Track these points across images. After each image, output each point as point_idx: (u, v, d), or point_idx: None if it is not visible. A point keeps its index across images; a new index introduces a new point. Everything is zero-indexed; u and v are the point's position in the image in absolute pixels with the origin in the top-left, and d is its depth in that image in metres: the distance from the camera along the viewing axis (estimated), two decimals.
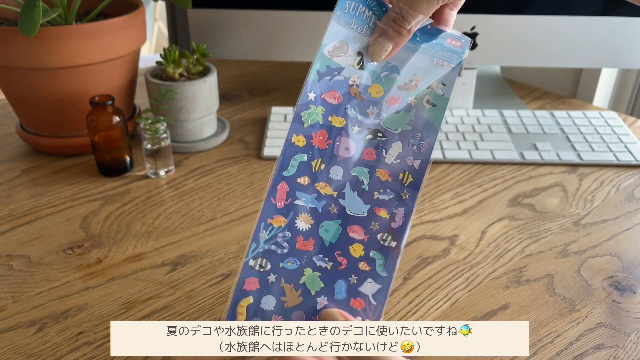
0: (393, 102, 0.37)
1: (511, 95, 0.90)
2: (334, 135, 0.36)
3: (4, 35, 0.61)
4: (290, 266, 0.36)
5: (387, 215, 0.36)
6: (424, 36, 0.36)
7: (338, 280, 0.36)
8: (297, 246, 0.36)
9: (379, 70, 0.36)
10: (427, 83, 0.36)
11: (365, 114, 0.36)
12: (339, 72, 0.36)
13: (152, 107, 0.69)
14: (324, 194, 0.36)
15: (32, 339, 0.45)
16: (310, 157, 0.36)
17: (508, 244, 0.56)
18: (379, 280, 0.36)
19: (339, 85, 0.36)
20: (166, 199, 0.63)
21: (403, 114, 0.36)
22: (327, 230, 0.36)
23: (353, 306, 0.36)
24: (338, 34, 0.36)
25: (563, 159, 0.70)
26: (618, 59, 0.80)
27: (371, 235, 0.36)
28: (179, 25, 1.11)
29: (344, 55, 0.36)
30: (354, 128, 0.36)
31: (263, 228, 0.35)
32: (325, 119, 0.36)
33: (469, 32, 0.79)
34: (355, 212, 0.36)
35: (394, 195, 0.36)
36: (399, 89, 0.37)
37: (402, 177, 0.36)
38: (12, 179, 0.67)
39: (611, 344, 0.45)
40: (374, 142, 0.36)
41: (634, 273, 0.52)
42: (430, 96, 0.36)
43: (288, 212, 0.36)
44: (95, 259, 0.54)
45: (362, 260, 0.36)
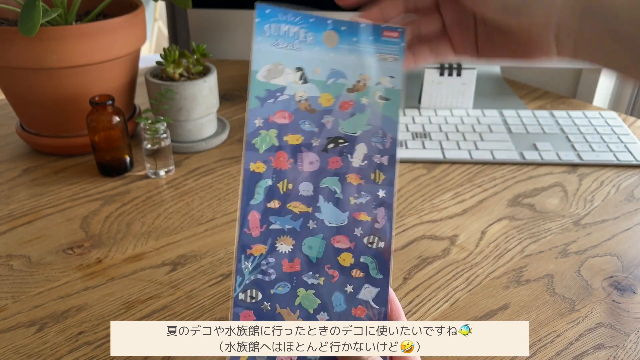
0: (346, 106, 0.36)
1: (511, 95, 0.90)
2: (294, 153, 0.35)
3: (4, 35, 0.61)
4: (282, 290, 0.35)
5: (369, 217, 0.36)
6: (361, 36, 0.36)
7: (334, 294, 0.35)
8: (284, 269, 0.35)
9: (325, 79, 0.36)
10: (375, 80, 0.36)
11: (320, 124, 0.36)
12: (281, 92, 0.35)
13: (152, 107, 0.69)
14: (299, 212, 0.35)
15: (32, 339, 0.45)
16: (274, 180, 0.35)
17: (508, 244, 0.56)
18: (376, 283, 0.35)
19: (285, 104, 0.35)
20: (166, 199, 0.63)
21: (359, 115, 0.36)
22: (311, 247, 0.35)
23: (356, 315, 0.36)
24: (267, 57, 0.35)
25: (563, 159, 0.70)
26: None
27: (357, 241, 0.36)
28: (179, 25, 1.11)
29: (281, 75, 0.35)
30: (312, 141, 0.36)
31: (244, 260, 0.35)
32: (280, 139, 0.35)
33: None
34: (335, 222, 0.36)
35: (371, 197, 0.36)
36: (349, 92, 0.36)
37: (374, 177, 0.36)
38: (12, 179, 0.67)
39: (611, 344, 0.45)
40: (337, 150, 0.36)
41: (634, 273, 0.52)
42: (382, 91, 0.36)
43: (266, 239, 0.35)
44: (95, 259, 0.54)
45: (354, 268, 0.36)
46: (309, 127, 0.36)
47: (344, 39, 0.36)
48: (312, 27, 0.36)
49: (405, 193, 0.64)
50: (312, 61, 0.36)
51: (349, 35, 0.36)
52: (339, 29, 0.36)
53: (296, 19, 0.35)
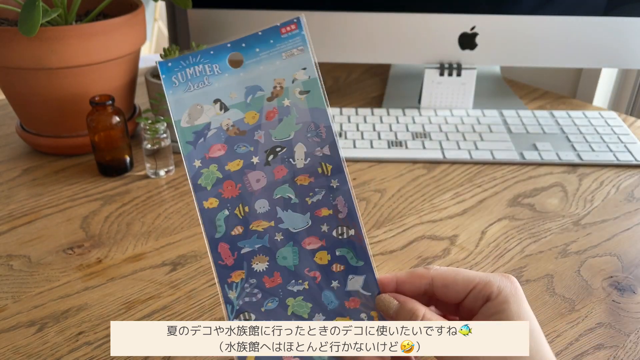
0: (272, 115, 0.36)
1: (511, 95, 0.90)
2: (239, 178, 0.36)
3: (4, 35, 0.61)
4: (272, 305, 0.36)
5: (330, 211, 0.36)
6: (260, 44, 0.36)
7: (323, 293, 0.36)
8: (267, 286, 0.36)
9: (244, 99, 0.36)
10: (290, 78, 0.36)
11: (254, 142, 0.36)
12: (208, 128, 0.36)
13: (152, 107, 0.69)
14: (263, 229, 0.36)
15: (32, 339, 0.45)
16: (230, 209, 0.36)
17: (508, 244, 0.56)
18: (359, 271, 0.36)
19: (215, 137, 0.36)
20: (166, 199, 0.63)
21: (286, 118, 0.36)
22: (285, 257, 0.36)
23: (350, 307, 0.36)
24: (183, 104, 0.36)
25: (563, 159, 0.70)
26: (618, 59, 0.80)
27: (326, 237, 0.36)
28: (179, 25, 1.11)
29: (202, 114, 0.36)
30: (252, 160, 0.36)
31: (228, 289, 0.36)
32: (222, 171, 0.36)
33: (469, 32, 0.79)
34: (300, 227, 0.36)
35: (325, 190, 0.36)
36: (269, 101, 0.36)
37: (322, 170, 0.36)
38: (12, 179, 0.67)
39: (611, 344, 0.45)
40: (278, 159, 0.36)
41: (634, 273, 0.52)
42: (300, 86, 0.36)
43: (241, 264, 0.36)
44: (95, 259, 0.54)
45: (332, 263, 0.36)
46: (244, 149, 0.36)
47: (248, 54, 0.36)
48: (215, 58, 0.36)
49: (405, 193, 0.64)
50: (226, 88, 0.36)
51: (250, 49, 0.36)
52: (239, 47, 0.36)
53: (197, 58, 0.36)
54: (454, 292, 0.35)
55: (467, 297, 0.35)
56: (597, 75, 0.95)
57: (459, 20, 0.78)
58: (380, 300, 0.36)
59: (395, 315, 0.35)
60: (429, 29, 0.79)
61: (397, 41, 0.81)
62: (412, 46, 0.81)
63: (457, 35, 0.80)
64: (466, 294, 0.35)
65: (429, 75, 0.81)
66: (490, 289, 0.34)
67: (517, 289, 0.34)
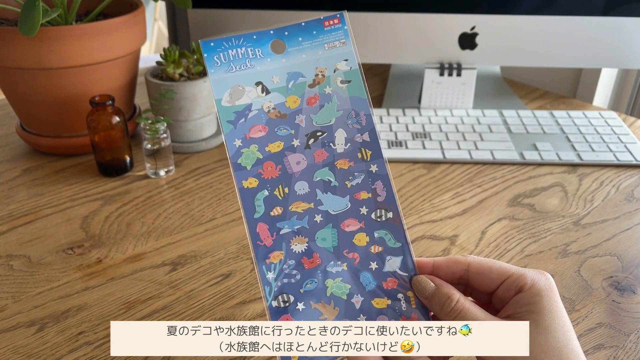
0: (313, 101, 0.38)
1: (511, 95, 0.90)
2: (280, 159, 0.37)
3: (4, 35, 0.61)
4: (311, 287, 0.36)
5: (369, 194, 0.37)
6: (303, 34, 0.38)
7: (361, 274, 0.36)
8: (306, 267, 0.36)
9: (285, 84, 0.37)
10: (332, 68, 0.38)
11: (295, 125, 0.37)
12: (249, 109, 0.37)
13: (152, 107, 0.69)
14: (302, 211, 0.37)
15: (32, 339, 0.45)
16: (270, 189, 0.36)
17: (508, 244, 0.56)
18: (396, 252, 0.37)
19: (256, 119, 0.37)
20: (166, 199, 0.63)
21: (327, 105, 0.38)
22: (324, 239, 0.37)
23: (388, 288, 0.36)
24: (224, 83, 0.37)
25: (563, 159, 0.70)
26: (618, 59, 0.80)
27: (365, 219, 0.37)
28: (179, 25, 1.11)
29: (243, 95, 0.37)
30: (293, 142, 0.37)
31: (266, 270, 0.36)
32: (263, 151, 0.37)
33: (469, 32, 0.79)
34: (339, 209, 0.37)
35: (364, 174, 0.37)
36: (311, 88, 0.38)
37: (361, 156, 0.37)
38: (12, 179, 0.67)
39: (611, 344, 0.45)
40: (318, 143, 0.37)
41: (634, 273, 0.52)
42: (341, 76, 0.38)
43: (280, 245, 0.36)
44: (96, 259, 0.54)
45: (371, 244, 0.37)
46: (285, 132, 0.37)
47: (291, 42, 0.38)
48: (257, 43, 0.37)
49: (405, 193, 0.64)
50: (268, 72, 0.37)
51: (293, 37, 0.38)
52: (282, 34, 0.38)
53: (240, 40, 0.37)
54: (488, 280, 0.35)
55: (500, 286, 0.35)
56: (597, 75, 0.95)
57: (459, 20, 0.78)
58: (417, 281, 0.36)
59: (431, 297, 0.35)
60: (429, 29, 0.79)
61: (397, 41, 0.81)
62: (412, 46, 0.81)
63: (457, 35, 0.80)
64: (500, 283, 0.35)
65: (429, 75, 0.81)
66: (523, 280, 0.34)
67: (551, 284, 0.34)
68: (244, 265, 0.53)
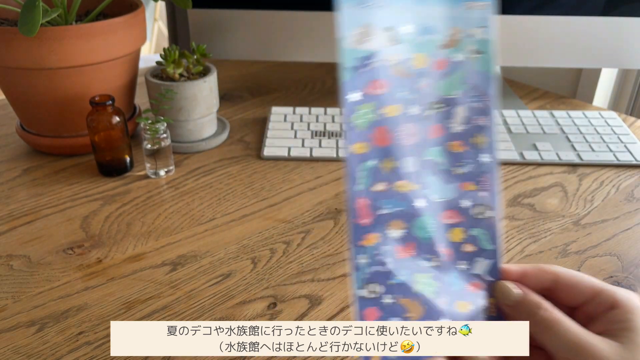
0: (441, 65, 0.32)
1: (511, 95, 0.90)
2: (394, 127, 0.32)
3: (4, 35, 0.61)
4: (400, 279, 0.32)
5: (475, 187, 0.33)
6: None
7: (449, 273, 0.33)
8: (399, 256, 0.32)
9: (416, 36, 0.32)
10: (466, 32, 0.32)
11: (416, 90, 0.32)
12: (373, 58, 0.31)
13: (152, 107, 0.69)
14: (406, 192, 0.32)
15: (32, 339, 0.45)
16: (378, 160, 0.32)
17: (508, 244, 0.56)
18: (488, 254, 0.34)
19: (379, 72, 0.31)
20: (166, 199, 0.63)
21: (454, 74, 0.33)
22: (422, 228, 0.33)
23: (470, 291, 0.34)
24: (354, 19, 0.31)
25: (563, 159, 0.70)
26: (618, 59, 0.80)
27: (466, 213, 0.33)
28: (179, 25, 1.11)
29: (371, 39, 0.31)
30: (411, 109, 0.32)
31: (357, 253, 0.32)
32: (378, 113, 0.31)
33: None
34: (443, 197, 0.33)
35: (475, 164, 0.33)
36: (442, 50, 0.32)
37: (476, 141, 0.33)
38: (12, 179, 0.67)
39: None
40: (437, 116, 0.32)
41: (634, 273, 0.52)
42: (475, 44, 0.32)
43: (376, 227, 0.32)
44: (96, 259, 0.54)
45: (465, 242, 0.33)
46: (406, 95, 0.32)
47: None
48: None
49: None
50: (400, 17, 0.32)
51: None
52: None
53: None
54: (578, 293, 0.33)
55: (590, 301, 0.33)
56: (597, 75, 0.95)
57: None
58: (500, 287, 0.34)
59: (516, 304, 0.33)
60: None
61: None
62: None
63: None
64: (590, 297, 0.33)
65: None
66: (615, 297, 0.32)
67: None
68: (244, 265, 0.53)
